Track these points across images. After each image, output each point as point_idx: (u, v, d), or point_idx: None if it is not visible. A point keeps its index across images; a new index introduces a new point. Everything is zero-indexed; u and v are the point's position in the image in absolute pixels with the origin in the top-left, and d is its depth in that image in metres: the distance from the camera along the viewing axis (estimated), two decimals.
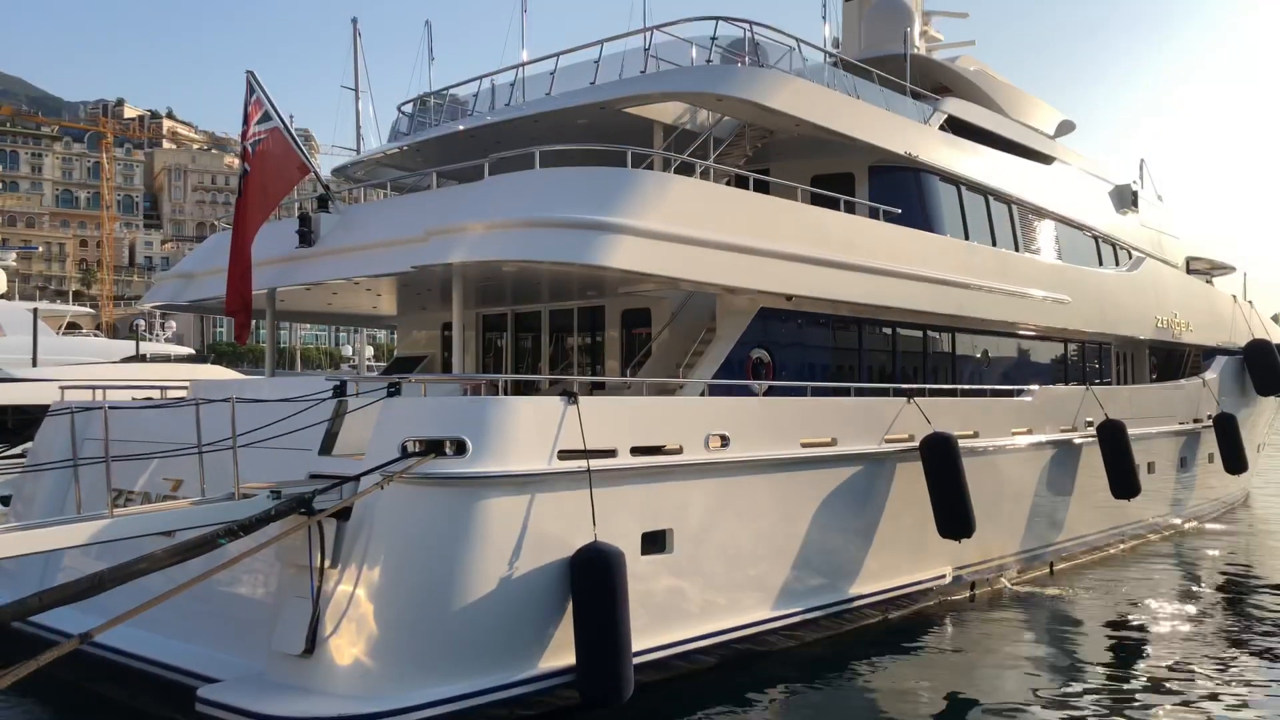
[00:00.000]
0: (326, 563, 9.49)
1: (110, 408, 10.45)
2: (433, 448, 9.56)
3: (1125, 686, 11.91)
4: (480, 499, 9.51)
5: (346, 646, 9.19)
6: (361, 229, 13.16)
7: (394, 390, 10.41)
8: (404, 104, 18.88)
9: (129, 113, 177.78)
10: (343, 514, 9.54)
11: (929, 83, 20.09)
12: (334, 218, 13.61)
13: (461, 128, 16.28)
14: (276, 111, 13.21)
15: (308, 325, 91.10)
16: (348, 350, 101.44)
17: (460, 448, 9.54)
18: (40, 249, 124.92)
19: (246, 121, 13.27)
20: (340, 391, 10.85)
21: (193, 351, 51.51)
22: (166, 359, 37.25)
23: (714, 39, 15.03)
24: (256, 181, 13.17)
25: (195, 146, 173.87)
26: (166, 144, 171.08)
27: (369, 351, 62.01)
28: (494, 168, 12.44)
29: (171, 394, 15.04)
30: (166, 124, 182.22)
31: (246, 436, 9.88)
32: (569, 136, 14.69)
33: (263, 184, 13.21)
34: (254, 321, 14.89)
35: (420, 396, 10.89)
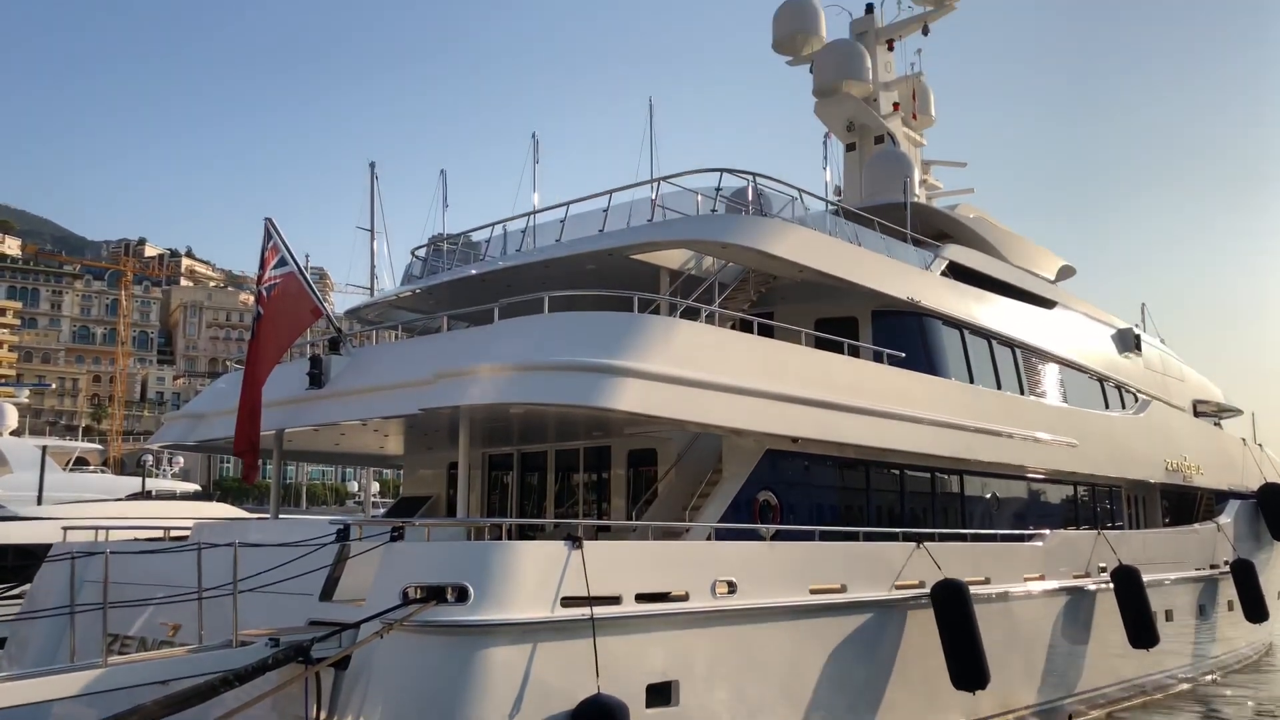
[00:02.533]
0: (323, 714, 9.25)
1: (111, 551, 10.38)
2: (434, 594, 9.43)
3: None
4: (481, 648, 9.32)
5: None
6: (371, 371, 13.33)
7: (397, 535, 10.34)
8: (418, 248, 19.42)
9: (150, 251, 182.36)
10: (341, 663, 9.35)
11: (930, 229, 20.58)
12: (344, 359, 13.80)
13: (474, 272, 16.68)
14: (292, 256, 13.57)
15: (315, 463, 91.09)
16: (353, 486, 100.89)
17: (462, 594, 9.40)
18: (54, 385, 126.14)
19: (263, 266, 13.62)
20: (344, 535, 10.78)
21: (199, 488, 51.35)
22: (172, 496, 37.12)
23: (718, 189, 15.52)
24: (270, 324, 13.42)
25: (212, 284, 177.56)
26: (184, 281, 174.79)
27: (374, 488, 61.72)
28: (504, 311, 12.69)
29: (175, 534, 14.95)
30: (185, 262, 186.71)
31: (248, 581, 9.78)
32: (578, 281, 15.02)
33: (276, 327, 13.45)
34: (263, 461, 14.92)
35: (423, 541, 10.80)
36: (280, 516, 16.43)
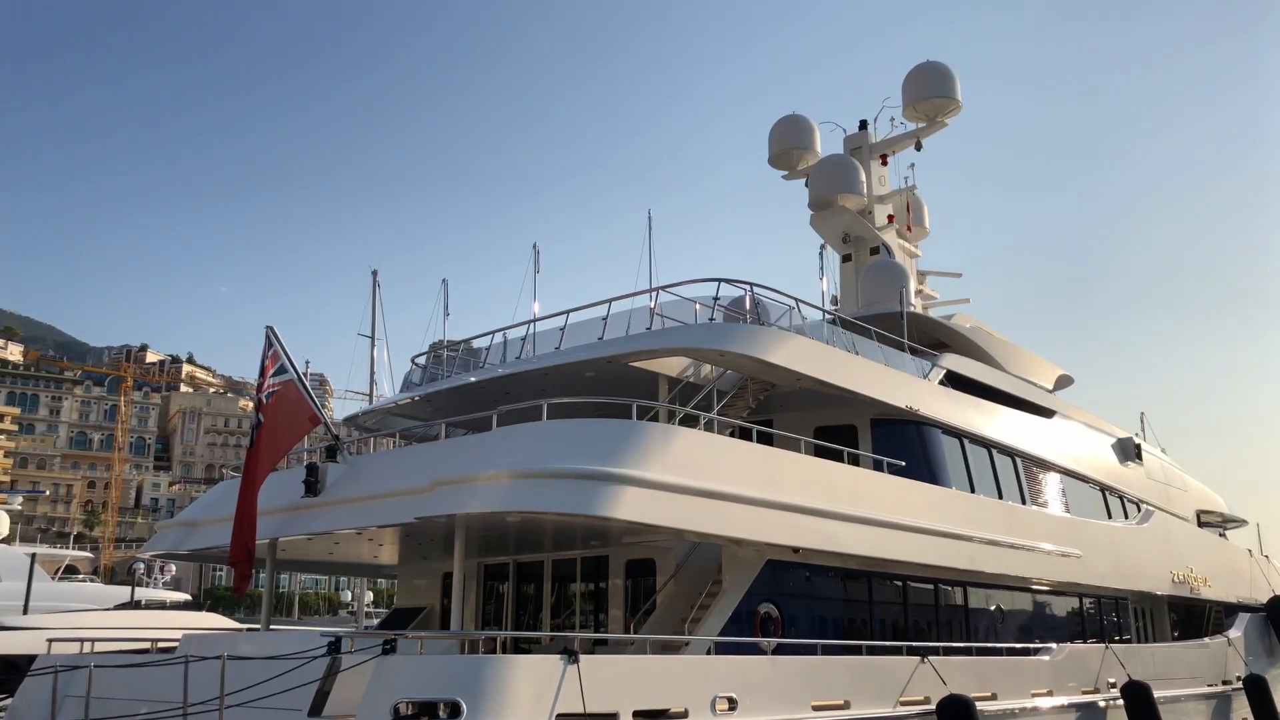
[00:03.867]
0: None
1: (95, 665, 10.13)
2: (426, 710, 9.17)
3: None
4: None
5: None
6: (367, 479, 13.24)
7: (389, 647, 10.10)
8: (418, 355, 19.51)
9: (151, 357, 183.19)
10: None
11: (926, 339, 20.73)
12: (341, 467, 13.73)
13: (473, 379, 16.72)
14: (292, 364, 13.64)
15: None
16: (347, 596, 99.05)
17: (454, 710, 9.14)
18: (47, 491, 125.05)
19: (263, 374, 13.67)
20: (335, 648, 10.52)
21: (189, 597, 50.44)
22: (162, 605, 36.44)
23: (716, 298, 15.69)
24: (268, 432, 13.40)
25: (211, 390, 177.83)
26: (184, 387, 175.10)
27: (368, 598, 60.60)
28: (503, 419, 12.67)
29: (163, 645, 14.61)
30: (186, 368, 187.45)
31: (235, 695, 9.51)
32: (577, 389, 15.05)
33: (274, 434, 13.43)
34: (255, 571, 14.70)
35: (416, 654, 10.55)
36: (271, 628, 16.08)
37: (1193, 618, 25.27)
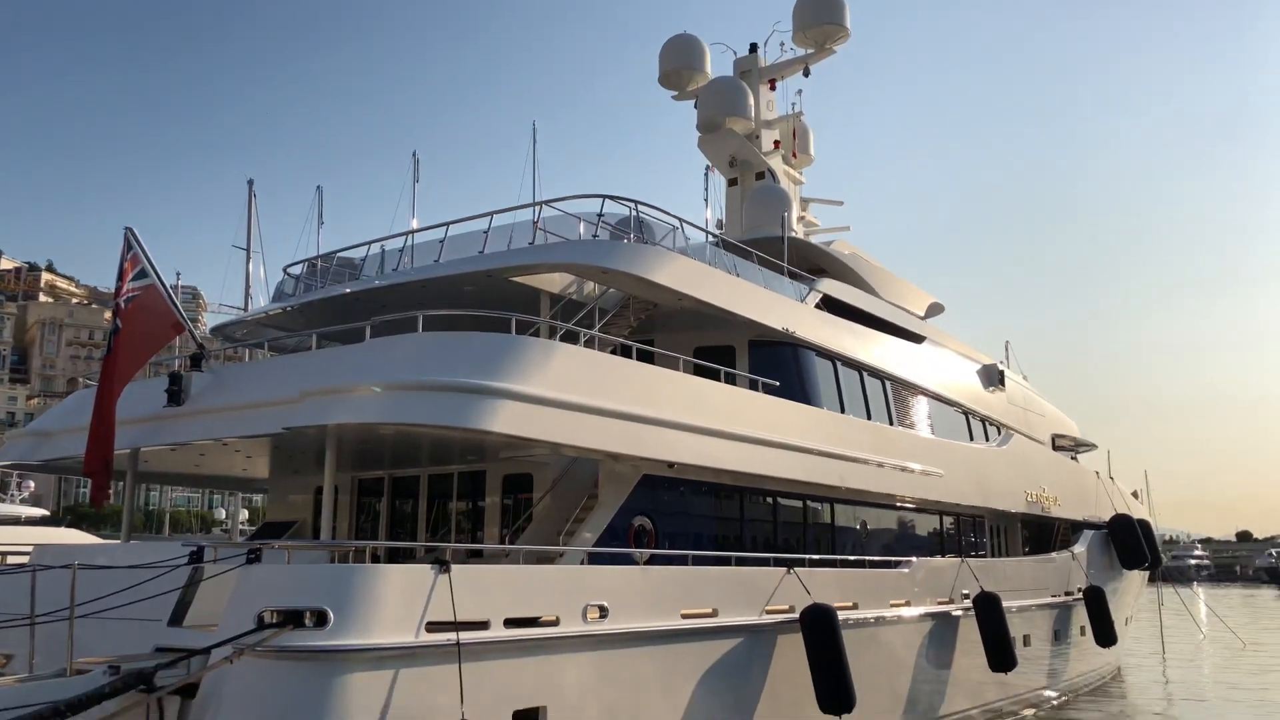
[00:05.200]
0: None
1: None
2: (291, 618, 9.06)
3: None
4: (340, 674, 8.99)
5: None
6: (234, 389, 12.84)
7: (254, 557, 9.91)
8: (291, 265, 18.87)
9: (4, 264, 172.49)
10: (188, 691, 8.88)
11: (806, 264, 21.10)
12: (206, 377, 13.27)
13: (348, 290, 16.29)
14: (154, 268, 13.01)
15: (179, 487, 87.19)
16: (221, 514, 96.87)
17: (321, 619, 9.06)
18: None
19: (121, 278, 13.01)
20: (197, 558, 10.28)
21: (47, 513, 48.46)
22: (16, 521, 34.96)
23: (600, 215, 15.59)
24: (127, 338, 12.81)
25: (74, 301, 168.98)
26: (44, 297, 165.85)
27: (243, 515, 59.39)
28: (377, 331, 12.40)
29: (14, 560, 14.03)
30: (45, 277, 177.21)
31: (88, 606, 9.22)
32: (456, 303, 14.82)
33: (133, 341, 12.85)
34: (116, 483, 14.18)
35: (283, 564, 10.39)
36: (133, 540, 15.59)
37: (1043, 534, 26.89)
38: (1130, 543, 28.21)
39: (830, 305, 19.49)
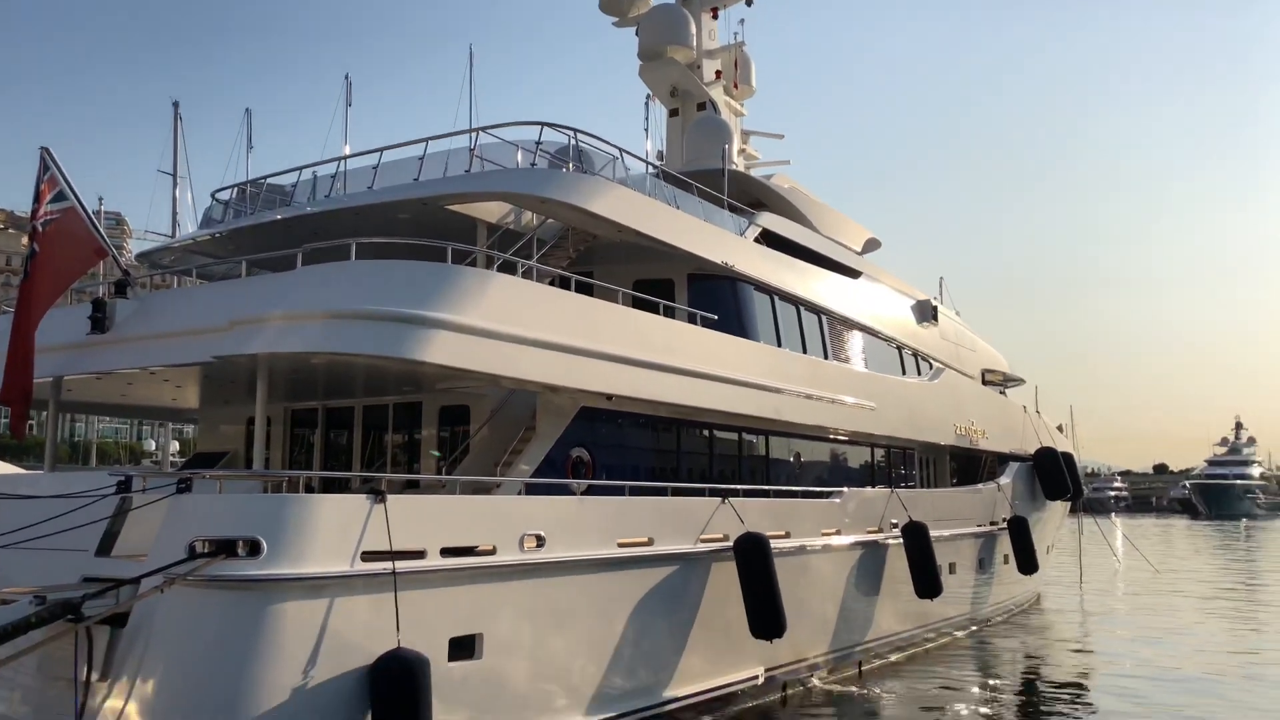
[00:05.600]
0: (95, 676, 8.67)
1: None
2: (223, 548, 8.97)
3: None
4: (273, 603, 8.96)
5: None
6: (161, 316, 12.50)
7: (184, 486, 9.76)
8: (219, 190, 18.31)
9: None
10: (118, 621, 8.78)
11: (746, 197, 21.07)
12: (132, 304, 12.88)
13: (278, 217, 15.88)
14: (73, 190, 12.51)
15: (107, 418, 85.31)
16: (151, 445, 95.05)
17: (254, 548, 8.99)
18: None
19: (38, 200, 12.50)
20: (124, 487, 10.09)
21: None
22: None
23: (539, 143, 15.33)
24: (46, 263, 12.35)
25: None
26: None
27: (174, 446, 58.37)
28: (309, 259, 12.12)
29: None
30: None
31: (12, 537, 9.02)
32: (391, 231, 14.54)
33: (53, 266, 12.39)
34: (38, 413, 13.80)
35: (215, 494, 10.26)
36: (57, 470, 15.25)
37: (971, 466, 27.63)
38: (1054, 475, 29.15)
39: (769, 240, 19.53)
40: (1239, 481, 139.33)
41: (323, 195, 16.48)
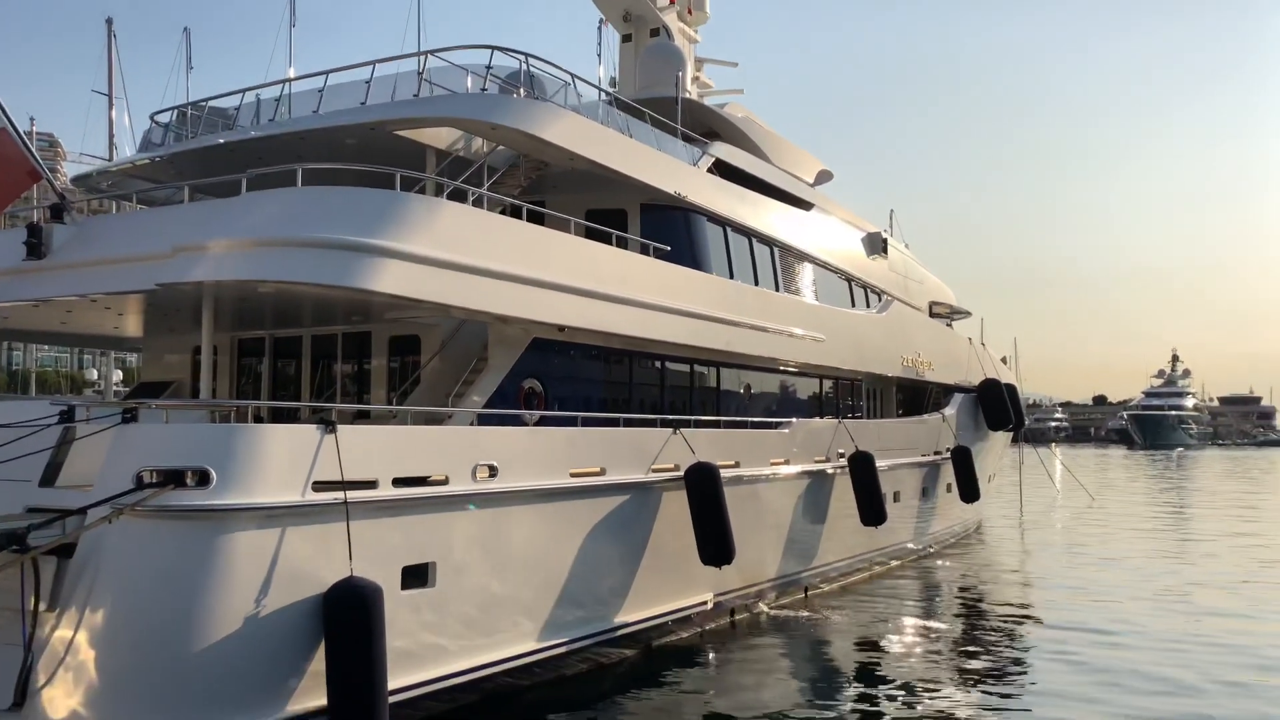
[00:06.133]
0: (42, 606, 8.61)
1: None
2: (172, 478, 8.88)
3: (874, 702, 12.60)
4: (223, 533, 8.92)
5: (62, 698, 8.36)
6: (101, 242, 12.16)
7: (129, 416, 9.61)
8: (158, 113, 17.71)
9: None
10: (64, 551, 8.70)
11: (699, 127, 20.87)
12: (70, 229, 12.51)
13: (221, 140, 15.43)
14: (4, 111, 12.03)
15: (46, 347, 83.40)
16: (93, 374, 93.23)
17: (203, 478, 8.91)
18: None
19: None
20: (68, 417, 9.92)
21: None
22: None
23: (489, 68, 15.00)
24: None
25: None
26: None
27: (117, 376, 57.32)
28: (253, 184, 11.81)
29: None
30: None
31: None
32: (337, 156, 14.21)
33: None
34: None
35: (161, 424, 10.12)
36: None
37: (917, 397, 28.13)
38: (997, 406, 29.82)
39: (722, 170, 19.43)
40: (1173, 412, 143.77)
41: (267, 119, 16.03)
